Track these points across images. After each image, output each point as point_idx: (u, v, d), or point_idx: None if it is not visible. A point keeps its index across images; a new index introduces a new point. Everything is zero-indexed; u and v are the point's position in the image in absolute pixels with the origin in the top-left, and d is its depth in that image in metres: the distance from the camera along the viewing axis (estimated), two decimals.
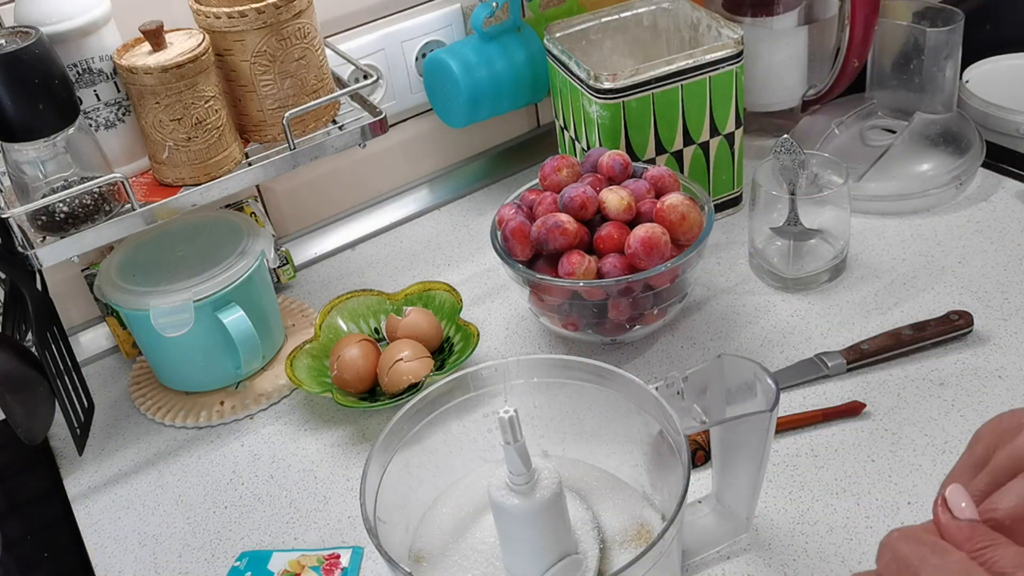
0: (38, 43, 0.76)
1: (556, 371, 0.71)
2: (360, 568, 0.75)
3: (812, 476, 0.76)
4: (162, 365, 0.94)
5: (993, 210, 1.01)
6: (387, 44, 1.08)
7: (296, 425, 0.90)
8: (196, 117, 0.82)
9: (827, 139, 1.08)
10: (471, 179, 1.19)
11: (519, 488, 0.62)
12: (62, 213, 0.80)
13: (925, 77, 1.04)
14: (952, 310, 0.87)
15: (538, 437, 0.72)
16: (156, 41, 0.81)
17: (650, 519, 0.69)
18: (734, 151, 1.02)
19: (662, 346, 0.91)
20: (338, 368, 0.88)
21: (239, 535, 0.80)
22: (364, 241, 1.13)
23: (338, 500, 0.82)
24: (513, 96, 1.08)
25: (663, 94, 0.95)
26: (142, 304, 0.87)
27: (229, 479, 0.86)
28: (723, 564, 0.71)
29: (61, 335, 0.89)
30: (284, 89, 0.86)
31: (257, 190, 1.08)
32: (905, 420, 0.80)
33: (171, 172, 0.84)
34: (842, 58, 1.06)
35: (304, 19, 0.85)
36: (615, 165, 0.89)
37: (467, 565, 0.68)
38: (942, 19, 1.02)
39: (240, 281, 0.89)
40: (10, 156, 0.80)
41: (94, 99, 0.84)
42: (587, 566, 0.66)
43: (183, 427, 0.91)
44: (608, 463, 0.73)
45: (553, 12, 1.10)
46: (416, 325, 0.91)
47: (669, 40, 1.06)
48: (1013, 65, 1.19)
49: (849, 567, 0.69)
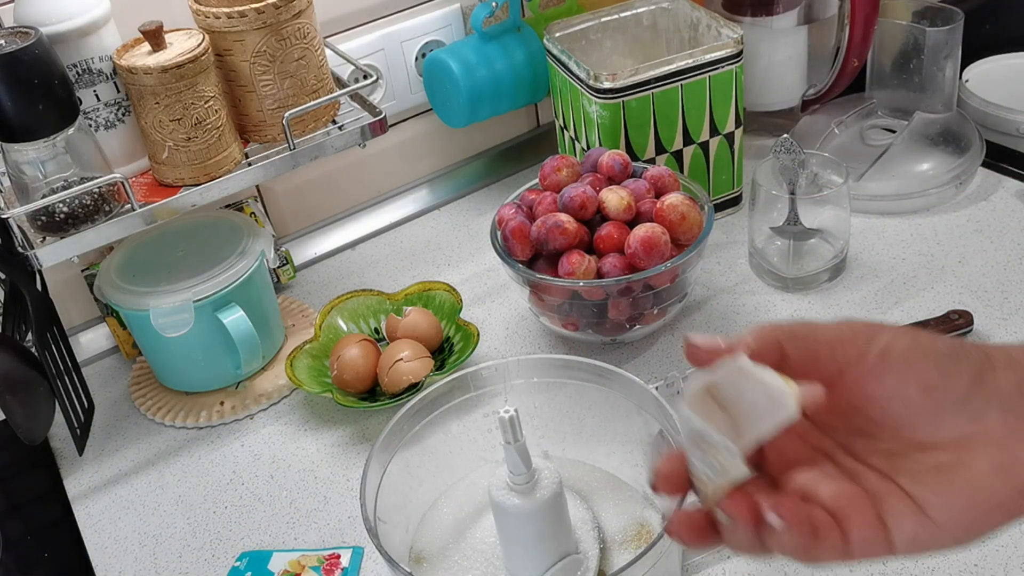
0: (38, 43, 0.76)
1: (556, 371, 0.71)
2: (360, 568, 0.75)
3: None
4: (162, 365, 0.94)
5: (993, 210, 1.01)
6: (387, 44, 1.08)
7: (296, 425, 0.90)
8: (196, 117, 0.82)
9: (827, 139, 1.08)
10: (471, 179, 1.19)
11: (519, 488, 0.62)
12: (62, 213, 0.80)
13: (925, 77, 1.04)
14: (952, 310, 0.87)
15: (538, 437, 0.72)
16: (156, 41, 0.81)
17: (650, 519, 0.69)
18: (734, 151, 1.02)
19: (662, 346, 0.91)
20: (338, 368, 0.88)
21: (239, 535, 0.80)
22: (364, 241, 1.13)
23: (338, 500, 0.82)
24: (513, 96, 1.08)
25: (663, 94, 0.95)
26: (142, 304, 0.87)
27: (229, 479, 0.86)
28: (723, 564, 0.71)
29: (61, 335, 0.89)
30: (284, 89, 0.86)
31: (257, 190, 1.08)
32: None
33: (171, 172, 0.84)
34: (842, 58, 1.06)
35: (304, 19, 0.85)
36: (615, 165, 0.89)
37: (467, 565, 0.68)
38: (942, 19, 1.02)
39: (240, 281, 0.89)
40: (10, 156, 0.80)
41: (94, 99, 0.83)
42: (587, 566, 0.66)
43: (183, 427, 0.91)
44: (608, 463, 0.73)
45: (553, 12, 1.10)
46: (416, 325, 0.91)
47: (669, 40, 1.06)
48: (1013, 65, 1.19)
49: (849, 567, 0.69)
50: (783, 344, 0.40)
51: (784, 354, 0.40)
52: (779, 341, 0.40)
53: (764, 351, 0.40)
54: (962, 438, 0.38)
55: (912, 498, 0.38)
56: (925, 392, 0.38)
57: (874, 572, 0.69)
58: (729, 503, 0.39)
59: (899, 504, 0.38)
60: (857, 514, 0.38)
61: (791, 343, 0.40)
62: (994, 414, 0.38)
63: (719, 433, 0.39)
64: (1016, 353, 0.39)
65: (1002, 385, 0.38)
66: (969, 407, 0.38)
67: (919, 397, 0.38)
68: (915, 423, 0.39)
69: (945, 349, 0.39)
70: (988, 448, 0.38)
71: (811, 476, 0.40)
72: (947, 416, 0.38)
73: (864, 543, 0.38)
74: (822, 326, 0.40)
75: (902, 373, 0.38)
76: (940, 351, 0.39)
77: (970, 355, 0.39)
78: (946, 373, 0.38)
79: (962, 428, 0.38)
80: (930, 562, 0.69)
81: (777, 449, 0.42)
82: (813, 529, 0.38)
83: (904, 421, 0.39)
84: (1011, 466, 0.38)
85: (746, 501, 0.39)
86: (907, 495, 0.38)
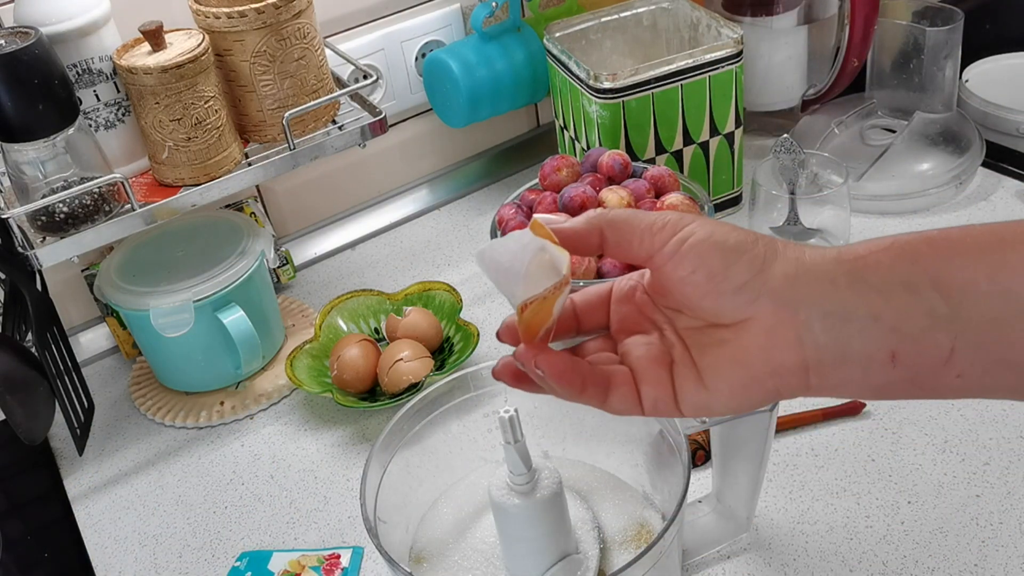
0: (38, 43, 0.76)
1: None
2: (360, 568, 0.75)
3: (812, 476, 0.76)
4: (162, 365, 0.94)
5: (993, 209, 1.01)
6: (387, 44, 1.08)
7: (296, 425, 0.90)
8: (196, 117, 0.82)
9: (827, 139, 1.08)
10: (471, 179, 1.19)
11: (519, 488, 0.62)
12: (62, 213, 0.80)
13: (925, 76, 1.04)
14: None
15: (538, 437, 0.72)
16: (156, 41, 0.81)
17: (650, 519, 0.69)
18: (734, 151, 1.02)
19: None
20: (338, 368, 0.88)
21: (239, 535, 0.80)
22: (364, 241, 1.13)
23: (338, 500, 0.82)
24: (513, 96, 1.08)
25: (663, 94, 0.95)
26: (142, 304, 0.87)
27: (229, 479, 0.86)
28: (723, 564, 0.71)
29: (61, 335, 0.89)
30: (284, 89, 0.86)
31: (257, 190, 1.08)
32: (905, 419, 0.80)
33: (171, 172, 0.84)
34: (842, 58, 1.06)
35: (304, 19, 0.85)
36: (615, 165, 0.89)
37: (467, 565, 0.68)
38: (942, 18, 1.02)
39: (240, 281, 0.89)
40: (10, 156, 0.80)
41: (94, 99, 0.83)
42: (587, 566, 0.66)
43: (183, 427, 0.91)
44: (608, 463, 0.73)
45: (553, 12, 1.10)
46: (416, 325, 0.91)
47: (669, 40, 1.06)
48: (1013, 64, 1.19)
49: (849, 567, 0.69)
50: (604, 230, 0.46)
51: (604, 238, 0.46)
52: (601, 228, 0.46)
53: (588, 234, 0.46)
54: (740, 321, 0.44)
55: (697, 368, 0.45)
56: (710, 279, 0.43)
57: (874, 572, 0.69)
58: (522, 354, 0.46)
59: (688, 372, 0.45)
60: (651, 376, 0.45)
61: (610, 230, 0.46)
62: (765, 301, 0.43)
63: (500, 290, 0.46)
64: (798, 252, 0.44)
65: (776, 277, 0.43)
66: (745, 295, 0.43)
67: (705, 283, 0.44)
68: (704, 305, 0.44)
69: (733, 242, 0.44)
70: (757, 331, 0.43)
71: (633, 340, 0.48)
72: (727, 301, 0.43)
73: (654, 401, 0.45)
74: (640, 215, 0.46)
75: (694, 262, 0.44)
76: (728, 244, 0.43)
77: (756, 249, 0.43)
78: (729, 263, 0.43)
79: (740, 312, 0.43)
80: (930, 562, 0.69)
81: (621, 318, 0.49)
82: (581, 382, 0.45)
83: (695, 303, 0.45)
84: (771, 348, 0.43)
85: (535, 354, 0.46)
86: (695, 365, 0.45)
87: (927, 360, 0.41)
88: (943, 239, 0.41)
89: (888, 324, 0.41)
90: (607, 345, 0.49)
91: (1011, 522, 0.71)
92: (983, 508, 0.72)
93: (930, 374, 0.41)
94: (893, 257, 0.42)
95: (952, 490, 0.74)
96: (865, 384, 0.42)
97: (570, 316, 0.49)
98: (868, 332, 0.41)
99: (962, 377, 0.41)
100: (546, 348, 0.46)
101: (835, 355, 0.42)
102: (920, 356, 0.41)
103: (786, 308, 0.42)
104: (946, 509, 0.72)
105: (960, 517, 0.72)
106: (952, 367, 0.41)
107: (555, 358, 0.45)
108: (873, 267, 0.42)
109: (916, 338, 0.41)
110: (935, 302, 0.40)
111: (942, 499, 0.73)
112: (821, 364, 0.42)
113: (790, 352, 0.42)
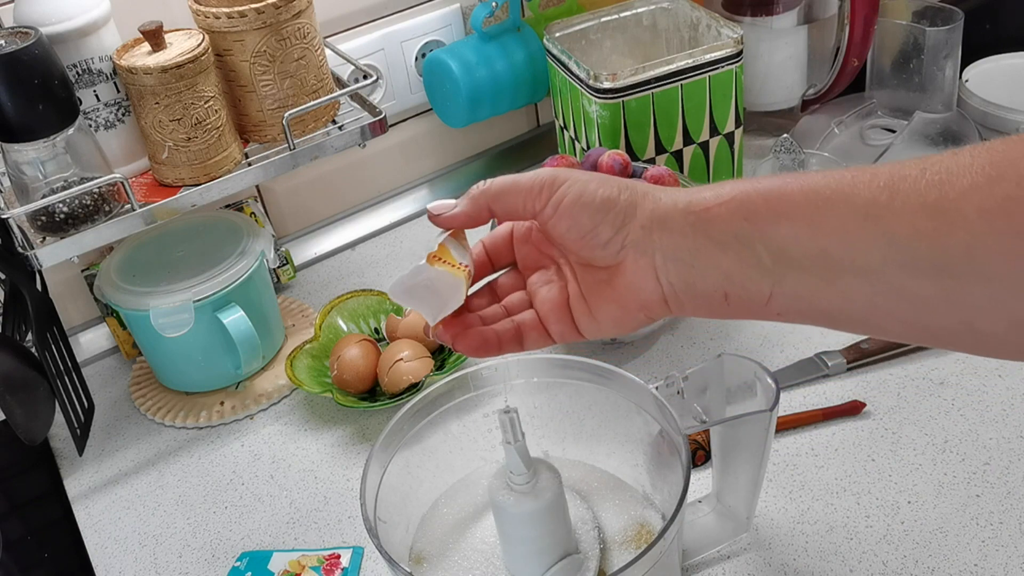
0: (38, 43, 0.76)
1: (556, 371, 0.71)
2: (360, 568, 0.76)
3: (812, 476, 0.76)
4: (162, 365, 0.94)
5: None
6: (387, 44, 1.08)
7: (296, 425, 0.90)
8: (196, 117, 0.82)
9: (827, 139, 1.08)
10: (471, 179, 1.19)
11: (519, 488, 0.62)
12: (62, 213, 0.80)
13: (925, 76, 1.04)
14: None
15: (538, 437, 0.72)
16: (156, 41, 0.81)
17: (650, 519, 0.69)
18: (734, 151, 1.02)
19: (662, 346, 0.91)
20: (338, 368, 0.88)
21: (239, 535, 0.80)
22: (364, 241, 1.13)
23: (338, 500, 0.82)
24: (513, 96, 1.08)
25: (663, 94, 0.95)
26: (142, 304, 0.87)
27: (229, 479, 0.86)
28: (723, 564, 0.71)
29: (61, 335, 0.89)
30: (284, 89, 0.86)
31: (257, 190, 1.08)
32: (905, 419, 0.80)
33: (171, 172, 0.85)
34: (842, 57, 1.06)
35: (304, 19, 0.85)
36: (615, 165, 0.89)
37: (467, 565, 0.68)
38: (942, 18, 1.02)
39: (240, 281, 0.89)
40: (10, 156, 0.80)
41: (94, 99, 0.84)
42: (587, 566, 0.66)
43: (183, 427, 0.91)
44: (608, 463, 0.73)
45: (553, 12, 1.10)
46: (416, 325, 0.91)
47: (669, 40, 1.06)
48: (1013, 64, 1.19)
49: (849, 567, 0.69)
50: (491, 206, 0.53)
51: (493, 212, 0.54)
52: (488, 204, 0.53)
53: (478, 212, 0.54)
54: (612, 265, 0.52)
55: (587, 302, 0.54)
56: (581, 237, 0.52)
57: (874, 572, 0.69)
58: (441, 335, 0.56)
59: (581, 306, 0.54)
60: (554, 317, 0.55)
61: (496, 203, 0.53)
62: (628, 251, 0.51)
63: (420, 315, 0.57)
64: (654, 203, 0.51)
65: (635, 229, 0.51)
66: (611, 247, 0.51)
67: (579, 240, 0.52)
68: (582, 254, 0.53)
69: (599, 201, 0.51)
70: (624, 275, 0.52)
71: (536, 279, 0.57)
72: (599, 253, 0.52)
73: (560, 334, 0.55)
74: (520, 179, 0.53)
75: (567, 222, 0.52)
76: (595, 204, 0.51)
77: (618, 205, 0.51)
78: (596, 223, 0.51)
79: (609, 260, 0.52)
80: (930, 562, 0.69)
81: (524, 256, 0.58)
82: (497, 344, 0.55)
83: (575, 252, 0.53)
84: (638, 288, 0.52)
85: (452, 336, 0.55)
86: (585, 299, 0.54)
87: (752, 302, 0.49)
88: (777, 195, 0.48)
89: (722, 271, 0.49)
90: (518, 280, 0.58)
91: (1011, 522, 0.71)
92: (983, 508, 0.72)
93: (756, 311, 0.50)
94: (731, 211, 0.49)
95: (952, 490, 0.74)
96: (711, 312, 0.52)
97: (484, 260, 0.58)
98: (707, 276, 0.50)
99: (782, 315, 0.49)
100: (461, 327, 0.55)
101: (684, 292, 0.51)
102: (746, 298, 0.49)
103: (644, 256, 0.51)
104: (946, 509, 0.72)
105: (960, 517, 0.72)
106: (772, 307, 0.49)
107: (468, 337, 0.55)
108: (714, 220, 0.49)
109: (743, 284, 0.49)
110: (762, 255, 0.48)
111: (942, 499, 0.73)
112: (676, 297, 0.51)
113: (652, 289, 0.51)
